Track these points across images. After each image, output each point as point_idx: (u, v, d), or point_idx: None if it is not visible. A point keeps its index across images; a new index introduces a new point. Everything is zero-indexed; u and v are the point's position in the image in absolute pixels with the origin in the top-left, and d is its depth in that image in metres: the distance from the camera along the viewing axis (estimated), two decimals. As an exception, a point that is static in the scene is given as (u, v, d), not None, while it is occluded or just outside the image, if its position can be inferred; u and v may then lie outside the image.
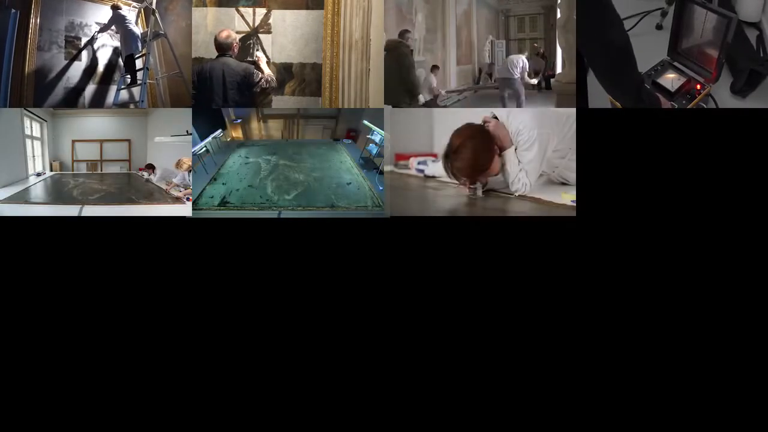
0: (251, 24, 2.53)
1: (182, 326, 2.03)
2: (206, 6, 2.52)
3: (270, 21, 2.52)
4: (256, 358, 2.02)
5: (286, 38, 2.51)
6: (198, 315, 2.04)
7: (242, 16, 2.53)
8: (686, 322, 2.00)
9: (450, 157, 2.08)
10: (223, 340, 2.02)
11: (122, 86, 2.65)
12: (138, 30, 2.65)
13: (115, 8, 2.63)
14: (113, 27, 2.66)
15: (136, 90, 2.63)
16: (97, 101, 2.71)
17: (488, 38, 2.82)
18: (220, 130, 4.13)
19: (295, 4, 2.50)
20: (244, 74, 2.43)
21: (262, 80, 2.43)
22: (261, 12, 2.52)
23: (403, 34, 2.46)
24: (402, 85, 2.41)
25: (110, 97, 2.69)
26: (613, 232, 2.00)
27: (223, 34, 2.46)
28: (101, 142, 3.26)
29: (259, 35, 2.53)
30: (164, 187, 2.75)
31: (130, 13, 2.66)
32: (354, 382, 2.01)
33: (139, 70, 2.62)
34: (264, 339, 2.03)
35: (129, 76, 2.62)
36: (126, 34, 2.63)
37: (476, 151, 2.05)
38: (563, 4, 2.33)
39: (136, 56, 2.63)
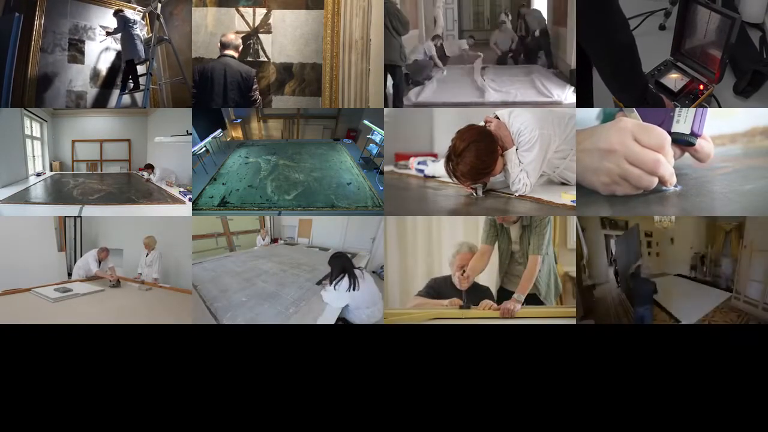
0: (251, 24, 2.52)
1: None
2: (206, 6, 2.52)
3: (270, 21, 2.52)
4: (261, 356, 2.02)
5: (286, 38, 2.50)
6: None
7: (242, 16, 2.52)
8: (685, 326, 1.99)
9: (453, 160, 2.06)
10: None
11: (125, 91, 2.63)
12: (141, 34, 2.63)
13: (119, 12, 2.62)
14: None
15: (138, 95, 2.61)
16: (100, 105, 2.70)
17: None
18: (220, 130, 4.14)
19: (295, 4, 2.49)
20: (245, 76, 2.42)
21: (257, 92, 2.43)
22: (261, 12, 2.51)
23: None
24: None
25: (112, 102, 2.67)
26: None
27: (231, 36, 2.45)
28: (101, 142, 3.26)
29: (259, 35, 2.53)
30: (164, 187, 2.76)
31: (134, 16, 2.64)
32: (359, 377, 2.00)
33: (141, 75, 2.60)
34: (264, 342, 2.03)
35: (131, 81, 2.60)
36: (128, 38, 2.61)
37: (480, 155, 2.03)
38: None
39: (137, 62, 2.61)
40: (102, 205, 2.50)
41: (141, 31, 2.64)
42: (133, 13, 2.63)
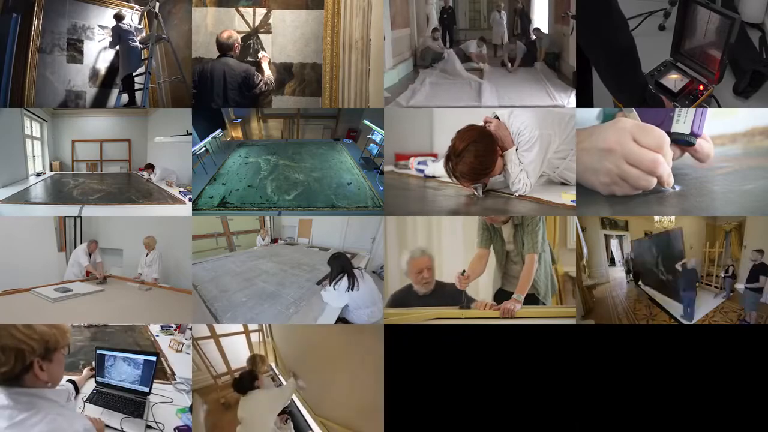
0: (251, 24, 2.52)
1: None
2: (206, 6, 2.52)
3: (270, 21, 2.52)
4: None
5: (286, 38, 2.50)
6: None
7: (242, 16, 2.52)
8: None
9: (452, 160, 2.06)
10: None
11: (123, 91, 2.62)
12: (138, 45, 2.61)
13: (119, 19, 2.60)
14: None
15: (137, 93, 2.61)
16: (99, 105, 2.70)
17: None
18: (219, 130, 4.13)
19: (295, 4, 2.49)
20: (245, 75, 2.42)
21: (262, 83, 2.41)
22: (261, 12, 2.51)
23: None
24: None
25: (111, 101, 2.67)
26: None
27: (225, 35, 2.45)
28: (101, 142, 3.26)
29: (259, 35, 2.52)
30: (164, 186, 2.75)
31: (129, 25, 2.62)
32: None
33: (138, 90, 2.58)
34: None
35: (127, 95, 2.59)
36: (125, 52, 2.58)
37: (479, 155, 2.03)
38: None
39: (135, 75, 2.59)
40: (102, 205, 2.50)
41: (138, 37, 2.63)
42: (128, 24, 2.61)
